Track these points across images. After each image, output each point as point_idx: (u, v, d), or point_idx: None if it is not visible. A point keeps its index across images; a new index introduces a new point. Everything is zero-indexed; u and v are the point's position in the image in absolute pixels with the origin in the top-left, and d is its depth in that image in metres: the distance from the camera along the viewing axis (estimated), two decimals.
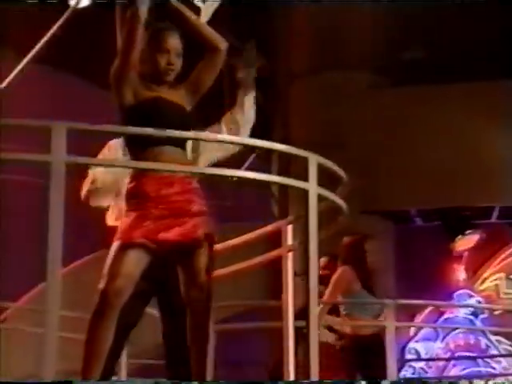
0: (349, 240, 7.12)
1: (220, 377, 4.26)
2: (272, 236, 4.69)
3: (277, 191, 12.15)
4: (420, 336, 12.66)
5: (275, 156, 11.60)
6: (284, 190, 11.09)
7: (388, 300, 6.68)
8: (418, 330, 12.63)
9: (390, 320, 6.44)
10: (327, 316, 7.02)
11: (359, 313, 7.02)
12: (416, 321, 12.15)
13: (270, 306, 6.85)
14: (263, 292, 8.74)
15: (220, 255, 4.52)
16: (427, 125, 11.72)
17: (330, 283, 6.94)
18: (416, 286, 10.94)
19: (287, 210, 10.22)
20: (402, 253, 12.05)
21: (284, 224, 4.55)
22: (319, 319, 4.58)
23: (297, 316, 4.54)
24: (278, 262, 4.59)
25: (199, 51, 4.05)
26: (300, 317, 5.73)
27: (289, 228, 4.50)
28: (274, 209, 12.42)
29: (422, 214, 12.71)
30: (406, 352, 12.42)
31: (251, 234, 4.75)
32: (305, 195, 3.76)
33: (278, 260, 4.61)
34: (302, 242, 3.92)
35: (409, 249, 12.10)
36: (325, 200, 3.92)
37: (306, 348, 3.70)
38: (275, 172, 11.28)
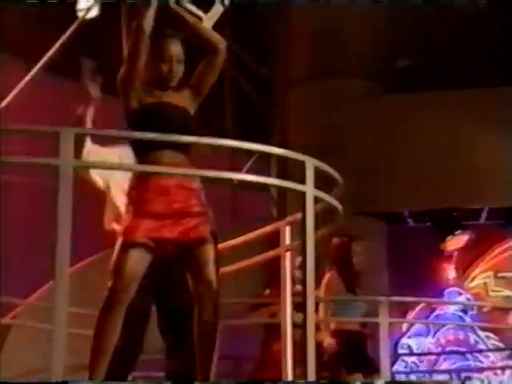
0: (336, 241, 7.10)
1: (219, 371, 4.22)
2: (270, 236, 4.68)
3: (275, 193, 12.12)
4: (412, 332, 12.64)
5: (274, 160, 11.57)
6: (282, 192, 11.06)
7: (381, 297, 6.66)
8: (410, 326, 12.61)
9: (384, 316, 6.42)
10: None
11: (344, 314, 7.00)
12: (408, 317, 12.14)
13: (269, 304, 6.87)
14: (262, 291, 8.70)
15: (220, 255, 4.50)
16: (420, 130, 11.70)
17: (320, 287, 6.93)
18: (408, 284, 10.92)
19: (285, 212, 10.18)
20: (395, 252, 12.03)
21: (282, 225, 4.54)
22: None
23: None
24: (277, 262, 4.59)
25: (200, 53, 4.04)
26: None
27: (287, 229, 4.49)
28: (273, 210, 12.40)
29: (414, 216, 12.69)
30: (399, 347, 12.40)
31: (251, 235, 4.74)
32: (302, 197, 3.75)
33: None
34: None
35: (401, 248, 12.09)
36: (321, 202, 3.91)
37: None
38: (274, 175, 11.26)
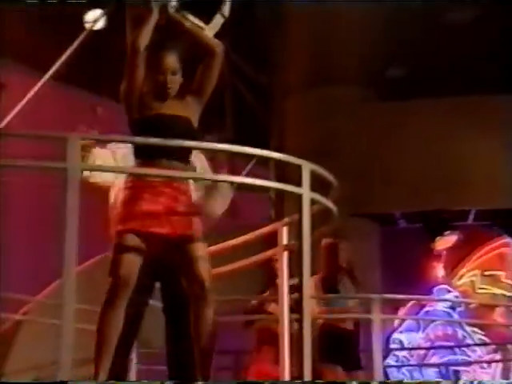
0: (325, 242, 7.06)
1: (218, 365, 4.19)
2: (268, 237, 4.66)
3: (273, 195, 12.11)
4: (403, 327, 12.64)
5: (272, 163, 11.56)
6: (280, 195, 11.04)
7: (374, 295, 6.65)
8: (402, 322, 12.62)
9: (377, 313, 6.41)
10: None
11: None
12: (399, 313, 12.13)
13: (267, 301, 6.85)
14: (259, 289, 8.68)
15: (220, 254, 4.50)
16: (412, 136, 11.74)
17: None
18: (400, 282, 10.91)
19: (283, 213, 10.17)
20: (388, 252, 12.03)
21: (280, 225, 4.52)
22: None
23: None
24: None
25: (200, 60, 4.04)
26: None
27: (284, 229, 4.48)
28: (271, 211, 12.38)
29: (406, 217, 12.70)
30: (391, 342, 12.40)
31: (250, 235, 4.73)
32: (299, 199, 3.75)
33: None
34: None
35: (394, 248, 12.08)
36: (317, 203, 3.90)
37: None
38: (272, 178, 11.24)
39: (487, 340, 12.35)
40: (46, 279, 8.04)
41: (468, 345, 12.39)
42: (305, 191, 3.74)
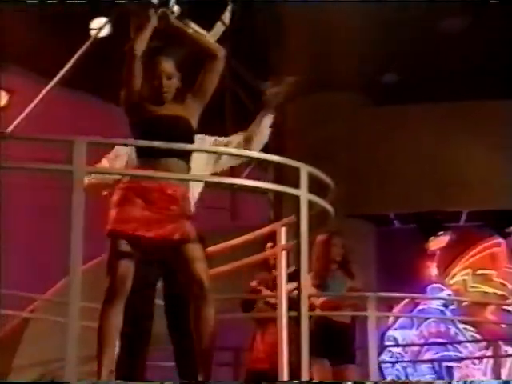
0: (319, 238, 7.03)
1: (219, 362, 4.18)
2: (267, 237, 4.65)
3: (272, 197, 12.10)
4: (397, 324, 12.62)
5: (271, 166, 11.55)
6: (279, 196, 11.03)
7: (370, 293, 6.63)
8: (396, 320, 12.59)
9: (372, 310, 6.40)
10: None
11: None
12: (394, 311, 12.13)
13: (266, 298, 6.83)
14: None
15: (221, 254, 4.49)
16: (406, 140, 11.76)
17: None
18: (395, 281, 10.91)
19: (281, 214, 10.16)
20: (383, 251, 12.02)
21: (278, 226, 4.52)
22: None
23: None
24: None
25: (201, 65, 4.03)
26: None
27: (283, 230, 4.47)
28: (270, 212, 12.37)
29: (401, 218, 12.69)
30: (386, 339, 12.38)
31: (249, 235, 4.72)
32: (297, 201, 3.74)
33: None
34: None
35: (388, 248, 12.07)
36: (314, 205, 3.89)
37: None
38: (271, 180, 11.23)
39: (479, 337, 12.34)
40: (49, 278, 8.02)
41: (460, 341, 12.39)
42: (303, 193, 3.73)
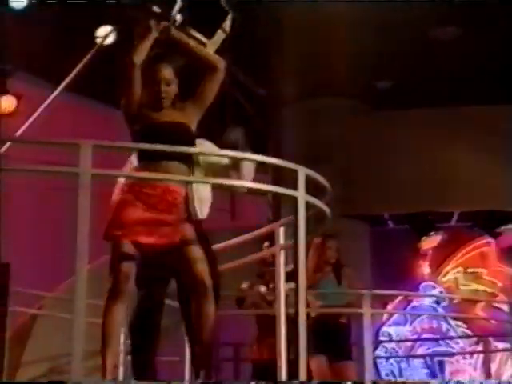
0: (315, 241, 7.02)
1: (221, 357, 4.17)
2: (266, 237, 4.65)
3: (271, 198, 12.09)
4: (391, 321, 12.61)
5: (270, 168, 11.55)
6: (277, 198, 11.03)
7: (365, 291, 6.63)
8: (390, 316, 12.59)
9: (367, 307, 6.40)
10: None
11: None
12: (388, 308, 12.11)
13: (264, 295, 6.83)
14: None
15: (222, 253, 4.47)
16: (399, 144, 11.76)
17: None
18: (389, 279, 10.91)
19: (280, 214, 10.15)
20: (377, 251, 12.02)
21: (277, 226, 4.51)
22: None
23: None
24: None
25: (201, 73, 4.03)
26: None
27: (281, 230, 4.46)
28: (269, 213, 12.36)
29: (394, 218, 12.69)
30: (380, 334, 12.36)
31: (249, 235, 4.71)
32: (294, 202, 3.73)
33: None
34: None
35: (383, 247, 12.06)
36: (312, 206, 3.89)
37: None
38: (270, 182, 11.24)
39: (469, 333, 12.33)
40: (56, 277, 7.99)
41: (452, 337, 12.38)
42: (300, 194, 3.72)
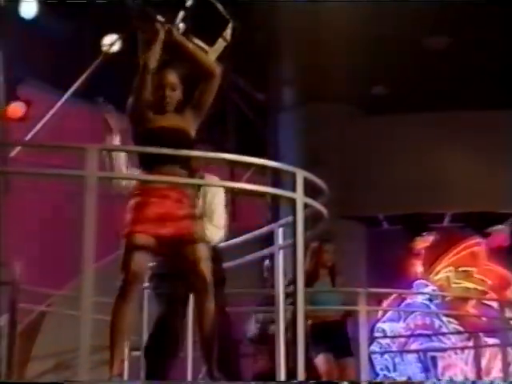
0: (313, 244, 6.99)
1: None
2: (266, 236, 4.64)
3: (270, 200, 12.08)
4: (386, 318, 12.60)
5: (269, 171, 11.54)
6: (276, 199, 11.02)
7: (360, 289, 6.62)
8: (385, 313, 12.58)
9: (362, 305, 6.40)
10: None
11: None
12: (383, 305, 12.12)
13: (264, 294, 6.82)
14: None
15: (223, 252, 4.46)
16: (394, 147, 11.78)
17: None
18: (383, 278, 10.89)
19: (279, 215, 10.14)
20: (373, 250, 12.02)
21: (276, 227, 4.50)
22: None
23: None
24: None
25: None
26: None
27: (280, 230, 4.46)
28: (268, 214, 12.35)
29: (389, 219, 12.68)
30: (375, 331, 12.35)
31: (249, 235, 4.71)
32: (293, 203, 3.73)
33: None
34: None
35: (378, 247, 12.05)
36: (309, 207, 3.88)
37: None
38: (269, 184, 11.22)
39: (461, 329, 12.31)
40: (64, 276, 7.97)
41: (444, 333, 12.38)
42: (298, 196, 3.72)
